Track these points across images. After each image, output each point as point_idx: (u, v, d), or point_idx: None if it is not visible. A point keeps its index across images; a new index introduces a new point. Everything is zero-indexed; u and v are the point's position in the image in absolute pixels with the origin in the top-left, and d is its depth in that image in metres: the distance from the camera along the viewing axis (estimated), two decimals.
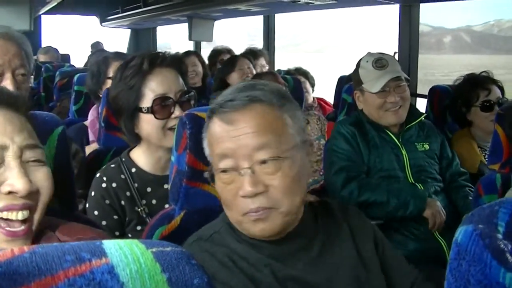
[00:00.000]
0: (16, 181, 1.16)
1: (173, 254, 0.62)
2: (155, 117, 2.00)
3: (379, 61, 2.86)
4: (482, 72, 3.28)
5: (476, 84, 3.21)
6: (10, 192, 1.17)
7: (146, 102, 2.01)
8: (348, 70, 4.87)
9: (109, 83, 3.05)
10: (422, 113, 2.95)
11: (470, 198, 2.74)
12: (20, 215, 1.18)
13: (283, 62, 6.35)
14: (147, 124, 2.02)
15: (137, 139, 2.11)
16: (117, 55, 3.26)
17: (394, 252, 1.60)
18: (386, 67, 2.83)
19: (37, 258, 0.57)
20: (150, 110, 2.00)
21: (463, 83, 3.29)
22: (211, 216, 1.70)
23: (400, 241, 2.67)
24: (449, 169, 2.89)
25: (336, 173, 2.72)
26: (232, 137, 1.34)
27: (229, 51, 5.66)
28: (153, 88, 2.02)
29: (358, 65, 2.94)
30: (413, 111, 2.90)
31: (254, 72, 4.45)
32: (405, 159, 2.78)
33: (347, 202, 2.58)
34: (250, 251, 1.42)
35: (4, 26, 2.15)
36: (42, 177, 1.23)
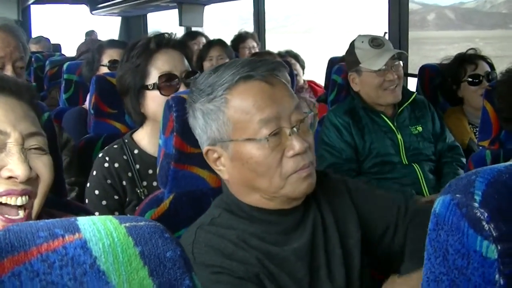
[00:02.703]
0: (16, 166, 1.18)
1: (146, 228, 0.62)
2: (161, 93, 2.04)
3: (375, 40, 2.87)
4: (469, 49, 3.31)
5: (463, 60, 3.25)
6: (10, 178, 1.19)
7: (152, 79, 2.06)
8: (336, 50, 4.86)
9: (102, 70, 3.06)
10: (413, 92, 2.96)
11: (459, 171, 2.76)
12: (19, 200, 1.21)
13: (273, 43, 6.33)
14: (153, 101, 2.06)
15: (142, 119, 2.13)
16: (111, 42, 3.28)
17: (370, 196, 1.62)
18: (383, 46, 2.85)
19: (10, 235, 0.57)
20: (156, 87, 2.04)
21: (452, 61, 3.32)
22: (200, 198, 1.71)
23: None
24: (438, 144, 2.90)
25: (328, 168, 2.68)
26: (276, 99, 1.38)
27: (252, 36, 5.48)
28: (159, 66, 2.06)
29: (352, 46, 2.92)
30: (404, 92, 2.90)
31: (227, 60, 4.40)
32: (400, 143, 2.79)
33: None
34: (260, 227, 1.44)
35: (1, 18, 2.15)
36: (42, 164, 1.25)
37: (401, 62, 2.88)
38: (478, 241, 0.68)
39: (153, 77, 2.06)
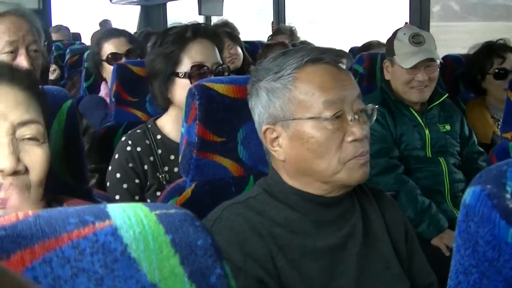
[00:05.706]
0: (2, 159, 1.13)
1: (176, 216, 0.62)
2: (191, 82, 2.04)
3: (416, 36, 2.80)
4: (499, 39, 3.24)
5: (491, 51, 3.18)
6: None
7: (184, 68, 2.07)
8: (338, 40, 4.83)
9: (104, 65, 3.01)
10: (444, 93, 2.91)
11: None
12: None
13: None
14: (181, 89, 2.06)
15: (167, 104, 2.15)
16: (108, 33, 3.16)
17: (419, 250, 1.60)
18: (422, 44, 2.78)
19: (41, 221, 0.57)
20: (187, 75, 2.06)
21: (479, 50, 3.26)
22: (222, 187, 1.71)
23: None
24: (465, 147, 2.85)
25: (377, 155, 2.58)
26: (342, 84, 1.40)
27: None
28: (192, 55, 2.08)
29: (394, 35, 2.88)
30: (435, 91, 2.84)
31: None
32: (427, 138, 2.75)
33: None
34: (293, 214, 1.42)
35: (14, 3, 2.16)
36: (35, 157, 1.18)
37: (438, 63, 2.81)
38: (510, 233, 0.67)
39: (185, 65, 2.07)
